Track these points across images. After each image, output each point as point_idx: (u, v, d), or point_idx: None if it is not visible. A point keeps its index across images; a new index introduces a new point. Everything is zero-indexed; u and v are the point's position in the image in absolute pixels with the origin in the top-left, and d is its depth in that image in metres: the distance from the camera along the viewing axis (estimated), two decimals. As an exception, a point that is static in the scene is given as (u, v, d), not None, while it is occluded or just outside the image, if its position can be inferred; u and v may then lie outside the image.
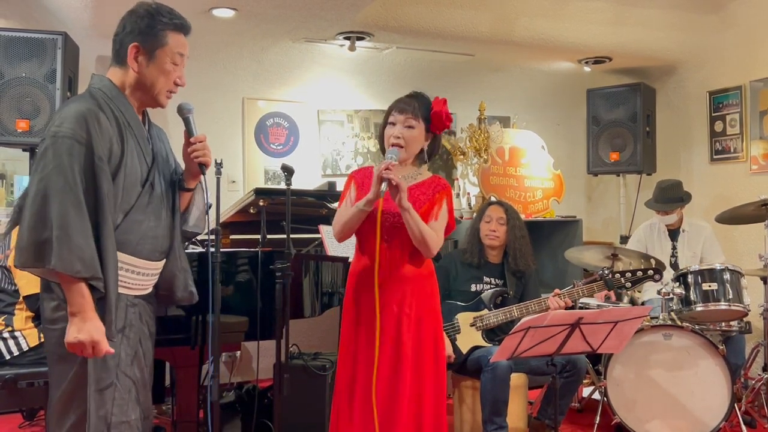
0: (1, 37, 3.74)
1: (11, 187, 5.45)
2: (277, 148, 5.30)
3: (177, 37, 2.10)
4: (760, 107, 4.85)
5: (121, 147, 2.01)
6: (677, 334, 3.48)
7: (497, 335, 3.41)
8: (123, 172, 2.01)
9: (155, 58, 2.07)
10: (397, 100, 2.62)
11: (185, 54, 2.13)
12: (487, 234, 3.54)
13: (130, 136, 2.05)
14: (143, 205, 2.07)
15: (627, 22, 4.72)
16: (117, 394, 2.02)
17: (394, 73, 5.35)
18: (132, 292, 2.09)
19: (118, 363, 2.03)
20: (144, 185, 2.08)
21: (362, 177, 2.62)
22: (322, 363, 3.44)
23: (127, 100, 2.09)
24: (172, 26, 2.08)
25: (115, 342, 2.00)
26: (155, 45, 2.06)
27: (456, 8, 4.42)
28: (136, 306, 2.11)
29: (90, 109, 1.98)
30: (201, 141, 2.14)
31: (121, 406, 2.02)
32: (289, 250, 2.84)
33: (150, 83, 2.09)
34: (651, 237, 4.38)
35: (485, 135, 5.25)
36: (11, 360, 3.19)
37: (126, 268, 2.06)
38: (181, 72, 2.13)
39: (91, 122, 1.95)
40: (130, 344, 2.08)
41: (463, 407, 3.50)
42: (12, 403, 3.28)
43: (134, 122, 2.08)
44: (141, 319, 2.13)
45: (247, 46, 4.76)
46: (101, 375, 1.99)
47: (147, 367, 2.16)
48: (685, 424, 3.44)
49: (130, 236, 2.05)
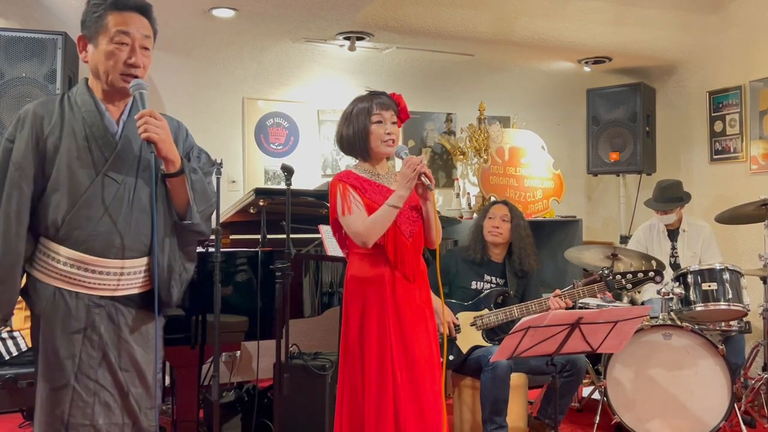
0: (1, 37, 3.75)
1: (11, 187, 5.45)
2: (277, 148, 5.30)
3: (115, 15, 1.99)
4: (760, 107, 4.85)
5: (59, 142, 1.97)
6: (677, 333, 3.49)
7: (497, 335, 3.42)
8: (60, 166, 1.96)
9: (98, 43, 2.00)
10: (367, 98, 2.56)
11: (129, 31, 1.99)
12: (490, 231, 3.54)
13: (79, 129, 1.99)
14: (94, 199, 1.98)
15: (627, 22, 4.72)
16: (76, 395, 1.96)
17: (394, 73, 5.35)
18: (94, 291, 2.00)
19: (77, 364, 1.97)
20: (95, 179, 1.99)
21: (355, 180, 2.56)
22: (322, 363, 3.44)
23: (90, 95, 2.04)
24: (107, 6, 1.99)
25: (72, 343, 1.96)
26: (96, 30, 2.00)
27: (456, 8, 4.42)
28: (102, 307, 2.00)
29: (26, 110, 2.01)
30: (143, 116, 1.96)
31: (83, 409, 1.96)
32: (289, 250, 2.84)
33: (96, 69, 2.02)
34: (650, 237, 4.38)
35: (485, 135, 5.26)
36: (11, 360, 3.20)
37: (76, 265, 1.98)
38: (132, 52, 1.99)
39: (19, 123, 1.99)
40: (94, 346, 1.99)
41: (463, 407, 3.50)
42: (12, 403, 3.27)
43: (90, 115, 2.01)
44: (112, 321, 2.02)
45: (247, 46, 4.77)
46: (54, 374, 1.96)
47: (125, 371, 2.03)
48: (684, 424, 3.44)
49: (79, 231, 1.97)
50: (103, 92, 2.05)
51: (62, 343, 1.97)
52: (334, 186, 2.54)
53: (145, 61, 2.04)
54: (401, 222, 2.51)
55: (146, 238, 2.04)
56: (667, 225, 4.33)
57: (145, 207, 2.03)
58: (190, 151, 2.20)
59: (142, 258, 2.06)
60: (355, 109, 2.57)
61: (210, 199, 2.19)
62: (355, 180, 2.55)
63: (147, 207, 2.03)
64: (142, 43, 2.03)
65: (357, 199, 2.50)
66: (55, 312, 1.98)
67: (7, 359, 3.20)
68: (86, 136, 2.00)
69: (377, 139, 2.52)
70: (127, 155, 2.03)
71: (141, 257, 2.05)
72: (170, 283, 2.10)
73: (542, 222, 5.35)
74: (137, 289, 2.07)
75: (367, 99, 2.57)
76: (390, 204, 2.43)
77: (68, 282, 1.99)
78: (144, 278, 2.08)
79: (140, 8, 2.03)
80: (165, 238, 2.09)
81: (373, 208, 2.47)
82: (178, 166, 2.05)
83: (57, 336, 1.97)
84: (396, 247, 2.49)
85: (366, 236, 2.44)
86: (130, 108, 2.09)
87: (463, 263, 3.58)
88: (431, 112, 5.78)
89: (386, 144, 2.52)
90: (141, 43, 2.02)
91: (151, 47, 2.07)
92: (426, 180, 2.41)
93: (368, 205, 2.50)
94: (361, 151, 2.58)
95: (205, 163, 2.22)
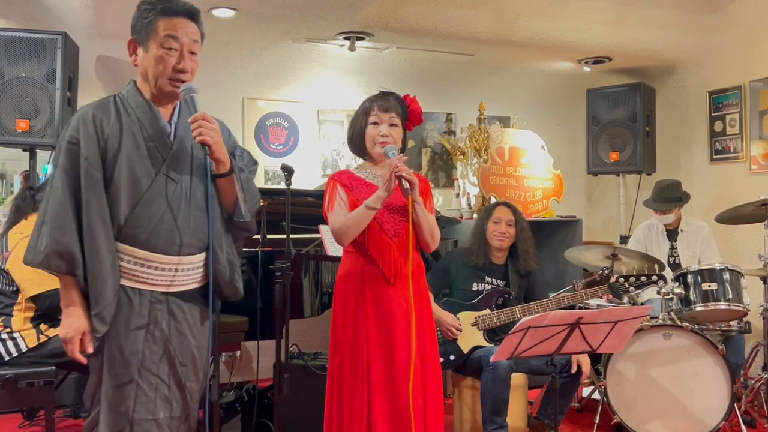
0: (1, 37, 3.75)
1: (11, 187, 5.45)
2: (277, 148, 5.30)
3: (165, 20, 2.04)
4: (760, 107, 4.85)
5: (120, 142, 2.02)
6: (677, 333, 3.49)
7: (498, 335, 3.42)
8: (121, 167, 2.01)
9: (148, 47, 2.05)
10: (373, 98, 2.58)
11: (178, 36, 2.04)
12: (496, 235, 3.54)
13: (137, 131, 2.05)
14: (155, 198, 2.03)
15: (627, 22, 4.72)
16: (140, 391, 2.01)
17: (394, 73, 5.35)
18: (155, 288, 2.05)
19: (141, 360, 2.02)
20: (155, 178, 2.04)
21: (347, 179, 2.58)
22: (322, 363, 3.44)
23: (141, 97, 2.10)
24: (158, 11, 2.04)
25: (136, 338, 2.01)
26: (147, 35, 2.05)
27: (456, 8, 4.42)
28: (163, 303, 2.06)
29: (85, 111, 2.03)
30: (196, 119, 2.02)
31: (146, 404, 2.01)
32: (289, 250, 2.84)
33: (145, 73, 2.08)
34: (649, 237, 4.39)
35: (485, 135, 5.26)
36: (10, 361, 3.20)
37: (139, 262, 2.03)
38: (181, 57, 2.05)
39: (81, 124, 2.01)
40: (156, 342, 2.05)
41: (463, 407, 3.50)
42: (12, 403, 3.28)
43: (145, 117, 2.07)
44: (174, 317, 2.08)
45: (247, 46, 4.76)
46: (120, 371, 2.00)
47: (184, 366, 2.10)
48: (684, 424, 3.44)
49: (140, 230, 2.02)
50: (152, 95, 2.11)
51: (127, 340, 2.01)
52: (327, 183, 2.60)
53: (193, 65, 2.09)
54: (384, 221, 2.52)
55: (203, 235, 2.09)
56: (666, 225, 4.33)
57: (201, 205, 2.09)
58: (233, 150, 2.26)
59: (199, 254, 2.11)
60: (359, 109, 2.61)
61: (256, 197, 2.27)
62: (347, 179, 2.58)
63: (202, 205, 2.09)
64: (191, 48, 2.07)
65: (342, 197, 2.54)
66: (120, 309, 2.01)
67: (7, 360, 3.20)
68: (144, 138, 2.05)
69: (370, 140, 2.55)
70: (182, 155, 2.09)
71: (197, 254, 2.11)
72: (233, 278, 2.18)
73: (542, 222, 5.35)
74: (195, 284, 2.13)
75: (372, 99, 2.59)
76: (367, 204, 2.45)
77: (131, 279, 2.03)
78: (201, 274, 2.14)
79: (189, 13, 2.08)
80: (221, 234, 2.16)
81: (356, 205, 2.50)
82: (228, 167, 2.11)
83: (122, 333, 2.01)
84: (379, 246, 2.50)
85: (340, 234, 2.49)
86: (179, 110, 2.15)
87: (464, 265, 3.57)
88: (431, 112, 5.79)
89: (380, 146, 2.53)
90: (189, 48, 2.07)
91: (199, 51, 2.12)
92: (405, 183, 2.39)
93: (353, 203, 2.52)
94: (359, 150, 2.63)
95: (248, 161, 2.29)
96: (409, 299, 2.52)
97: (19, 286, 3.24)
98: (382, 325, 2.49)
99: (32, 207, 3.42)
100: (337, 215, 2.52)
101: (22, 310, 3.25)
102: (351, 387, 2.50)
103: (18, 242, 3.26)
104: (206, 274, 2.12)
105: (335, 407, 2.56)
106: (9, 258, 3.25)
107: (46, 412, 3.21)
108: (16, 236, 3.30)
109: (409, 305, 2.51)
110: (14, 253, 3.24)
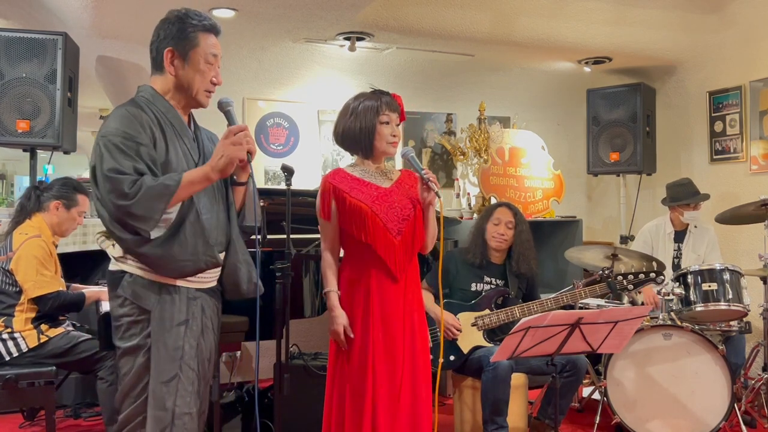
0: (2, 37, 3.74)
1: (11, 187, 5.45)
2: (277, 149, 5.30)
3: (207, 37, 2.17)
4: (760, 107, 4.85)
5: (165, 143, 2.09)
6: (677, 334, 3.49)
7: (498, 335, 3.42)
8: (169, 168, 2.07)
9: (189, 59, 2.15)
10: (376, 97, 2.58)
11: (218, 54, 2.20)
12: (495, 237, 3.54)
13: (174, 135, 2.12)
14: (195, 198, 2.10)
15: (627, 22, 4.73)
16: (180, 386, 2.07)
17: (394, 73, 5.35)
18: (191, 284, 2.13)
19: (182, 356, 2.08)
20: None
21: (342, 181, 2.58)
22: (322, 363, 3.44)
23: (168, 103, 2.17)
24: (202, 27, 2.16)
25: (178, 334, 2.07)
26: (188, 47, 2.14)
27: (456, 8, 4.42)
28: (197, 299, 2.14)
29: (128, 109, 2.09)
30: (242, 130, 2.13)
31: (185, 398, 2.08)
32: (289, 250, 2.85)
33: (187, 84, 2.16)
34: (657, 238, 4.37)
35: (485, 135, 5.25)
36: (11, 361, 3.20)
37: None
38: (216, 71, 2.20)
39: (132, 119, 2.05)
40: (194, 336, 2.12)
41: (464, 407, 3.50)
42: (12, 403, 3.28)
43: (177, 122, 2.15)
44: (204, 313, 2.17)
45: (247, 46, 4.77)
46: (165, 367, 2.06)
47: (208, 361, 2.19)
48: (685, 424, 3.45)
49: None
50: (181, 104, 2.19)
51: (170, 336, 2.08)
52: (321, 185, 2.63)
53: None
54: (388, 220, 2.52)
55: (227, 234, 2.22)
56: (677, 226, 4.31)
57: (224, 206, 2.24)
58: None
59: (223, 253, 2.22)
60: (362, 106, 2.57)
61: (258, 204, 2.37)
62: (341, 181, 2.58)
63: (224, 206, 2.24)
64: (219, 63, 2.25)
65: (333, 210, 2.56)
66: (163, 306, 2.08)
67: (8, 360, 3.20)
68: (178, 142, 2.14)
69: (383, 139, 2.56)
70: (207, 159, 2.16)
71: (221, 251, 2.21)
72: (251, 275, 2.28)
73: (542, 222, 5.36)
74: (215, 282, 2.23)
75: (374, 97, 2.58)
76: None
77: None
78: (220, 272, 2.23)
79: (219, 31, 2.25)
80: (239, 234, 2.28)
81: (358, 206, 2.51)
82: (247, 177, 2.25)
83: (167, 329, 2.07)
84: (386, 245, 2.51)
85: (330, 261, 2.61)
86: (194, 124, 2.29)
87: (463, 265, 3.57)
88: (431, 112, 5.79)
89: (392, 145, 2.57)
90: (219, 63, 2.24)
91: None
92: (434, 187, 2.49)
93: (353, 204, 2.52)
94: (364, 148, 2.60)
95: None
96: (407, 299, 2.54)
97: (22, 287, 3.24)
98: (387, 325, 2.51)
99: (37, 207, 3.42)
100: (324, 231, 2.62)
101: (23, 311, 3.26)
102: (355, 388, 2.50)
103: (22, 243, 3.25)
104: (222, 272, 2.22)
105: (335, 407, 2.56)
106: (13, 258, 3.25)
107: (46, 412, 3.21)
108: (20, 237, 3.29)
109: (406, 304, 2.54)
110: (18, 253, 3.23)
